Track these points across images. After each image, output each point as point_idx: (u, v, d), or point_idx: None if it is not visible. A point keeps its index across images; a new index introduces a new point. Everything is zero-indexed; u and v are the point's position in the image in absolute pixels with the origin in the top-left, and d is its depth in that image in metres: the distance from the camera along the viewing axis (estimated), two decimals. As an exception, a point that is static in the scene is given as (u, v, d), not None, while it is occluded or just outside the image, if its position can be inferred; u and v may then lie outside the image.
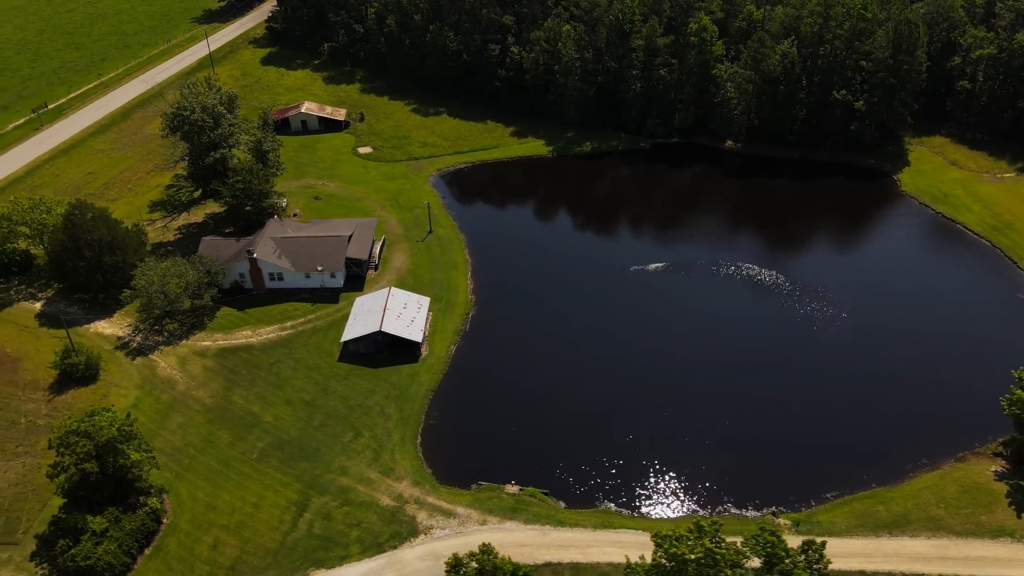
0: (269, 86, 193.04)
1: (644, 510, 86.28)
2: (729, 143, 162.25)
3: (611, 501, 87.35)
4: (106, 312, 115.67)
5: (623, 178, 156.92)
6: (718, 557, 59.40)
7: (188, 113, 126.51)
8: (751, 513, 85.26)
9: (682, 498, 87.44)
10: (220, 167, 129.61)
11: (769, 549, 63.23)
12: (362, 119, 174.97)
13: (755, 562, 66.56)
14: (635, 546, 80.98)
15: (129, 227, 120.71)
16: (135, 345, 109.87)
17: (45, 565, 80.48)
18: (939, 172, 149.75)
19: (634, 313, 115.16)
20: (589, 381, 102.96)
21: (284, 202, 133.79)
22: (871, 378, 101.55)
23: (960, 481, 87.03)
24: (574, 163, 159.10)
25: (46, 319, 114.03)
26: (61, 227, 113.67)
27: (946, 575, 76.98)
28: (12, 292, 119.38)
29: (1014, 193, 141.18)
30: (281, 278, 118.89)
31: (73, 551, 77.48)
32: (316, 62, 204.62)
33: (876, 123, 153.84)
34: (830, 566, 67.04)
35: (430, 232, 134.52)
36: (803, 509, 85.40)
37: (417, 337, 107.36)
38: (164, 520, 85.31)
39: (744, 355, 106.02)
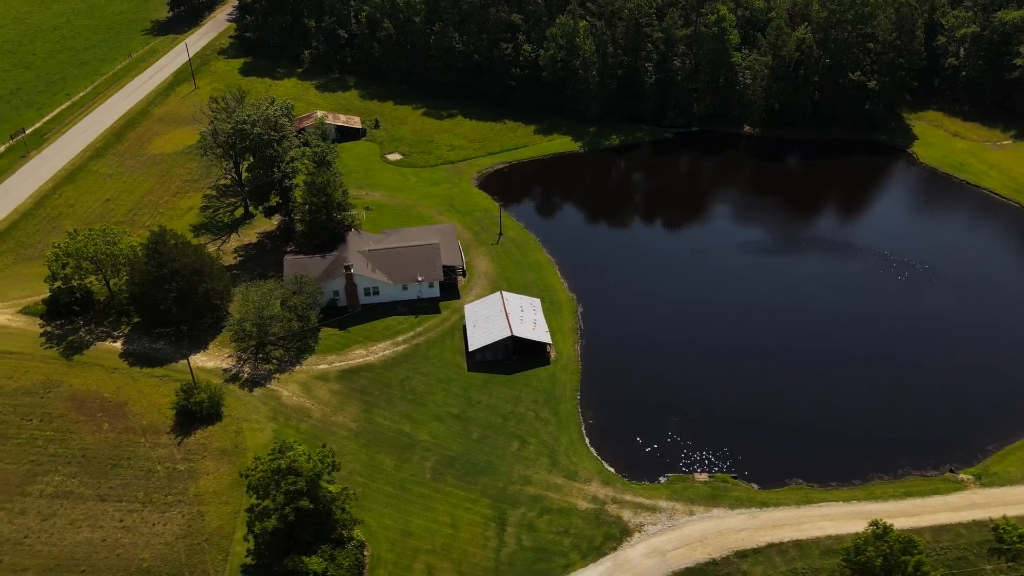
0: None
1: (833, 482, 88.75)
2: (747, 128, 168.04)
3: (798, 477, 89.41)
4: (198, 345, 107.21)
5: (660, 167, 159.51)
6: None
7: (250, 127, 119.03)
8: (931, 472, 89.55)
9: (862, 466, 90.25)
10: (286, 182, 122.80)
11: None
12: (377, 126, 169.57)
13: None
14: (844, 517, 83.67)
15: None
16: (246, 376, 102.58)
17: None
18: (946, 144, 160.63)
19: (746, 291, 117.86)
20: (724, 361, 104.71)
21: (359, 213, 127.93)
22: (975, 336, 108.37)
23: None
24: (608, 156, 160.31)
25: (135, 358, 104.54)
26: (144, 258, 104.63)
27: None
28: (82, 333, 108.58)
29: (1019, 158, 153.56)
30: (377, 292, 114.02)
31: (300, 596, 72.30)
32: (300, 70, 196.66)
33: (883, 101, 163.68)
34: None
35: (500, 235, 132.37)
36: (974, 463, 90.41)
37: (546, 339, 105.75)
38: (366, 552, 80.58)
39: (867, 329, 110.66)
